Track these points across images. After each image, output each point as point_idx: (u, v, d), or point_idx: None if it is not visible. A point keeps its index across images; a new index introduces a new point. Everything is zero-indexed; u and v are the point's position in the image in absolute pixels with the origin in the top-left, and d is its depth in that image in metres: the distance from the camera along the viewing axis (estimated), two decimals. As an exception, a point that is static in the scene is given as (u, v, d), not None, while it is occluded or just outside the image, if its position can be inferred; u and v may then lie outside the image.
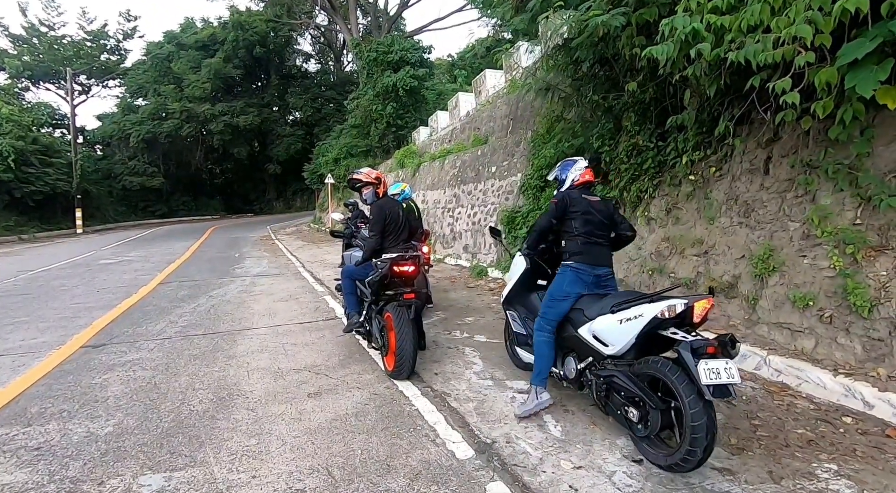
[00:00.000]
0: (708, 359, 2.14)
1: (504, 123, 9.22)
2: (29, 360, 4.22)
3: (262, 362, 4.05)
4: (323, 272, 8.95)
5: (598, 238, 2.97)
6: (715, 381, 2.09)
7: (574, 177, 3.12)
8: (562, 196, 3.03)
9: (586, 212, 2.95)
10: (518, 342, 3.53)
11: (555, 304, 2.91)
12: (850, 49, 2.47)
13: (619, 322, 2.53)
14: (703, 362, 2.12)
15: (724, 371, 2.11)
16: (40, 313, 6.13)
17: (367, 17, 30.18)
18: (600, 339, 2.65)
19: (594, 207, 2.99)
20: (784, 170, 3.61)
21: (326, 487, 2.24)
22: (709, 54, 2.99)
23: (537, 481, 2.25)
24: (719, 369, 2.11)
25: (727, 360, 2.15)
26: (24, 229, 21.40)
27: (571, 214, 2.97)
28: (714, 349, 2.16)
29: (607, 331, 2.60)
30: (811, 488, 2.15)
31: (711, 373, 2.10)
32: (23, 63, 31.08)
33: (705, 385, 2.09)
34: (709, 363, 2.12)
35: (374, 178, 4.09)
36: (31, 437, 2.79)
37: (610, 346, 2.59)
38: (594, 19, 3.86)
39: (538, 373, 2.92)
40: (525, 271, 3.40)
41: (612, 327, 2.57)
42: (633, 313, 2.48)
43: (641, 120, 4.92)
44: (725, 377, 2.10)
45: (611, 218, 3.06)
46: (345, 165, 20.66)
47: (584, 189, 3.10)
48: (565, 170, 3.19)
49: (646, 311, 2.43)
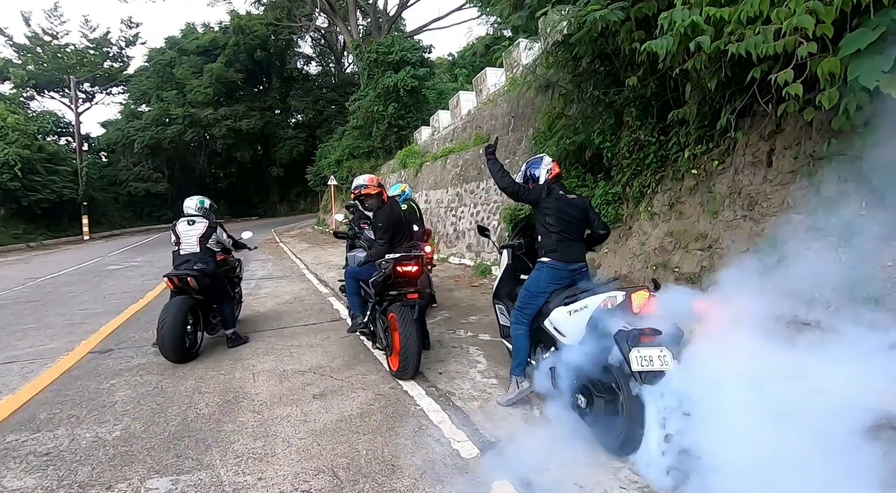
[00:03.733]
0: (642, 347, 2.22)
1: (505, 120, 9.20)
2: (38, 366, 4.26)
3: (268, 364, 4.07)
4: (327, 274, 8.98)
5: (572, 235, 3.05)
6: (647, 368, 2.19)
7: (546, 172, 3.20)
8: (542, 185, 3.12)
9: (561, 210, 3.01)
10: (503, 335, 3.61)
11: (531, 299, 3.00)
12: (852, 39, 2.43)
13: (569, 314, 2.68)
14: (636, 350, 2.22)
15: (657, 358, 2.21)
16: (48, 319, 6.19)
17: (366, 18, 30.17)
18: (558, 330, 2.77)
19: (569, 204, 3.06)
20: (787, 162, 3.57)
21: (332, 488, 2.24)
22: (708, 47, 2.96)
23: (542, 479, 2.24)
24: (652, 357, 2.20)
25: (662, 348, 2.23)
26: (31, 237, 21.61)
27: (545, 209, 3.03)
28: (649, 338, 2.24)
29: (562, 322, 2.74)
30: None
31: (643, 360, 2.20)
32: (27, 72, 31.39)
33: (636, 372, 2.20)
34: (641, 351, 2.21)
35: (377, 185, 4.08)
36: (40, 442, 2.82)
37: (566, 336, 2.71)
38: (593, 14, 3.83)
39: (517, 364, 3.04)
40: (507, 267, 3.51)
41: (564, 318, 2.72)
42: (580, 305, 2.63)
43: (643, 115, 4.89)
44: (658, 364, 2.20)
45: (585, 216, 3.13)
46: (347, 166, 20.70)
47: (557, 184, 3.18)
48: (535, 167, 3.24)
49: (590, 302, 2.58)
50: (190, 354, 4.21)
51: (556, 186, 3.15)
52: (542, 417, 2.86)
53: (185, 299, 4.19)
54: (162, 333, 3.99)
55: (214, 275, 4.45)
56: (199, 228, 4.52)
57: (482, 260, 8.56)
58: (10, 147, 20.82)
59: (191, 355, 4.23)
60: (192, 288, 4.23)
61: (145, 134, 34.23)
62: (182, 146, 36.58)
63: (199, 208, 4.71)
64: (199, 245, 4.44)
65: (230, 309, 4.70)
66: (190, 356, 4.21)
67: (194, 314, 4.31)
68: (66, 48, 34.01)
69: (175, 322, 4.00)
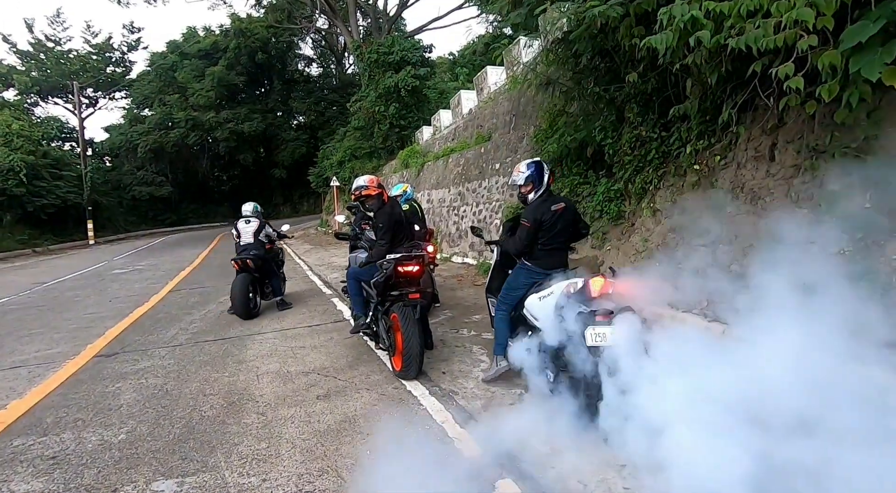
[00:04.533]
0: (596, 325, 2.52)
1: (506, 119, 9.18)
2: (44, 370, 4.30)
3: (272, 365, 4.08)
4: (330, 275, 9.00)
5: (557, 245, 3.20)
6: (599, 343, 2.50)
7: (546, 176, 3.23)
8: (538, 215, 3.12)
9: (553, 224, 3.13)
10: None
11: (510, 292, 3.29)
12: (853, 32, 2.41)
13: (539, 299, 2.97)
14: (591, 328, 2.53)
15: (609, 335, 2.49)
16: (54, 323, 6.24)
17: (366, 18, 30.16)
18: (532, 315, 3.01)
19: (561, 216, 3.15)
20: (790, 156, 3.54)
21: (336, 488, 2.25)
22: (708, 42, 2.94)
23: (546, 477, 2.24)
24: (605, 334, 2.50)
25: (613, 326, 2.51)
26: (37, 242, 21.77)
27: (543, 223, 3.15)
28: (602, 318, 2.53)
29: (534, 307, 3.01)
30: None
31: (597, 337, 2.51)
32: (31, 79, 31.60)
33: (589, 346, 2.53)
34: (595, 329, 2.52)
35: (377, 186, 4.09)
36: (47, 446, 2.84)
37: (539, 320, 2.95)
38: (592, 11, 3.81)
39: (498, 344, 3.34)
40: (496, 262, 3.74)
41: (536, 304, 3.00)
42: (547, 291, 2.92)
43: (644, 111, 4.86)
44: (610, 341, 2.48)
45: (574, 222, 3.26)
46: (349, 167, 20.71)
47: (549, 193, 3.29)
48: (539, 171, 3.21)
49: (556, 289, 2.87)
50: (253, 313, 5.86)
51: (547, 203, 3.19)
52: (547, 417, 2.85)
53: (246, 276, 5.80)
54: (233, 299, 5.73)
55: (265, 258, 6.06)
56: (253, 225, 6.12)
57: (485, 259, 8.55)
58: (15, 153, 20.97)
59: (254, 314, 5.88)
60: (251, 268, 5.85)
61: (148, 138, 34.41)
62: (185, 150, 36.75)
63: (253, 212, 6.32)
64: (254, 238, 6.05)
65: (277, 282, 6.38)
66: (253, 315, 5.84)
67: (253, 286, 5.92)
68: (69, 54, 34.24)
69: (242, 291, 5.68)
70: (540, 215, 3.11)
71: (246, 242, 6.01)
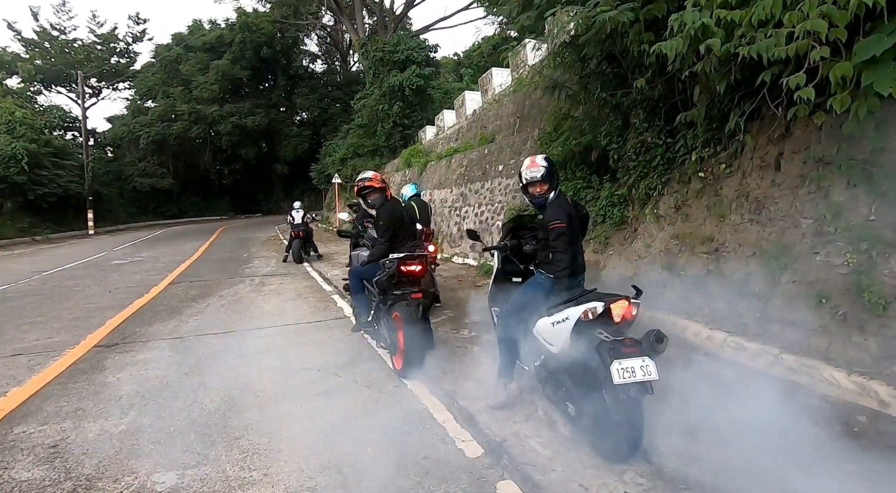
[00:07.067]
0: (623, 359, 2.20)
1: (511, 121, 9.19)
2: (44, 359, 4.29)
3: (273, 361, 4.08)
4: (331, 272, 9.00)
5: (579, 248, 2.98)
6: (629, 380, 2.16)
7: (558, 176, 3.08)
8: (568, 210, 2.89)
9: (574, 225, 2.89)
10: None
11: (522, 307, 2.94)
12: (867, 45, 2.42)
13: (552, 325, 2.63)
14: (617, 363, 2.19)
15: (639, 369, 2.18)
16: (54, 312, 6.23)
17: (372, 16, 30.18)
18: (545, 339, 2.73)
19: (578, 215, 2.99)
20: (796, 166, 3.56)
21: (337, 485, 2.25)
22: (719, 50, 2.96)
23: (547, 479, 2.24)
24: (634, 368, 2.18)
25: (644, 358, 2.20)
26: (37, 231, 21.72)
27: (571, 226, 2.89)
28: (630, 349, 2.23)
29: (546, 332, 2.70)
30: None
31: (625, 372, 2.17)
32: (35, 67, 31.54)
33: (618, 385, 2.16)
34: (623, 363, 2.19)
35: (380, 182, 4.08)
36: (47, 435, 2.84)
37: (553, 345, 2.66)
38: (602, 15, 3.83)
39: (505, 365, 3.01)
40: (497, 271, 3.50)
41: (548, 328, 2.67)
42: (562, 316, 2.57)
43: (650, 117, 4.88)
44: (641, 375, 2.17)
45: (583, 218, 3.12)
46: (352, 165, 20.72)
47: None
48: (554, 166, 2.99)
49: (570, 314, 2.51)
50: (304, 259, 10.51)
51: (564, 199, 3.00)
52: (546, 417, 2.86)
53: (299, 241, 10.49)
54: (293, 253, 10.40)
55: (307, 231, 10.76)
56: (301, 212, 10.88)
57: (486, 260, 8.56)
58: (17, 141, 20.92)
59: (304, 260, 10.51)
60: (301, 237, 10.53)
61: (151, 130, 34.36)
62: (187, 142, 36.71)
63: (300, 205, 11.22)
64: (302, 220, 10.73)
65: (314, 246, 11.09)
66: (303, 260, 10.44)
67: (302, 246, 10.61)
68: (74, 43, 34.17)
69: (297, 249, 10.42)
70: (568, 211, 2.85)
71: (297, 222, 10.64)
